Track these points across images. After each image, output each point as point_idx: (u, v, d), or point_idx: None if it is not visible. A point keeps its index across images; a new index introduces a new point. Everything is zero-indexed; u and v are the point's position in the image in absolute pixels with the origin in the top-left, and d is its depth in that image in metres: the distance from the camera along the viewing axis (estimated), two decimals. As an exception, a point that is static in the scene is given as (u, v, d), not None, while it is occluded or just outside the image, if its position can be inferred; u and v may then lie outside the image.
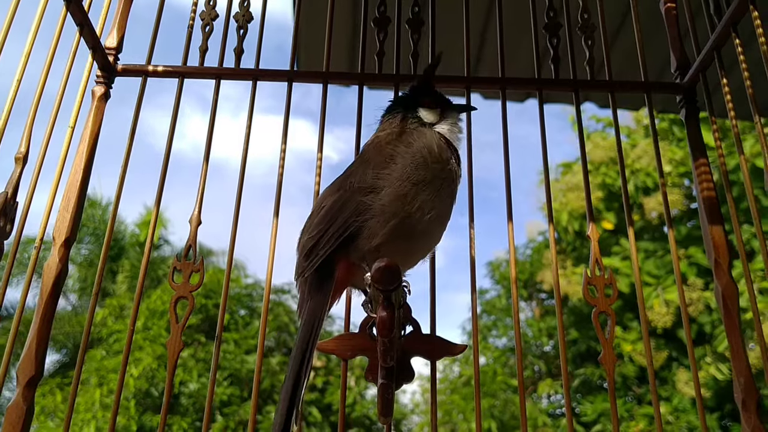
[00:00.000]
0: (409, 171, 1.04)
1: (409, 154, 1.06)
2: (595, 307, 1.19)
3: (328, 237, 1.01)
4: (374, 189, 1.02)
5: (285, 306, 11.23)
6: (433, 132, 1.15)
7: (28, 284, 1.07)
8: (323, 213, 1.04)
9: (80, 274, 12.00)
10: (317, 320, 0.98)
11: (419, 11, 1.44)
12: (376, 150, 1.11)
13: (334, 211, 1.03)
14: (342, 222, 1.01)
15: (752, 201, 1.13)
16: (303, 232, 1.07)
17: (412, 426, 11.73)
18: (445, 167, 1.08)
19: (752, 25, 1.15)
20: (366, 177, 1.04)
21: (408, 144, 1.09)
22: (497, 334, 10.69)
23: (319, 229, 1.02)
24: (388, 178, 1.03)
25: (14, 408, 1.02)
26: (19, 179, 1.02)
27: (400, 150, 1.07)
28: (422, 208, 1.02)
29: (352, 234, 1.00)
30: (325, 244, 1.01)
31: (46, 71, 1.07)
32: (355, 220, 1.00)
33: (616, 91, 1.42)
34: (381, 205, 1.00)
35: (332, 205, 1.04)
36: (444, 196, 1.07)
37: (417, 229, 1.02)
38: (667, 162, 7.98)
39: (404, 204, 1.01)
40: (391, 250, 0.99)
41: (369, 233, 1.00)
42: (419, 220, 1.02)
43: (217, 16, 1.41)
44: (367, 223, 1.00)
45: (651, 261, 8.08)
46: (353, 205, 1.02)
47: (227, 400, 9.56)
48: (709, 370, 7.25)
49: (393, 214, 1.00)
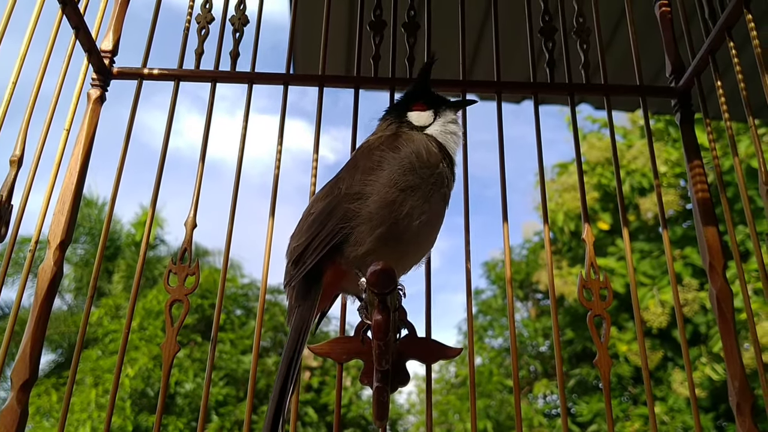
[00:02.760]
0: (396, 177, 1.03)
1: (397, 160, 1.06)
2: (590, 310, 1.19)
3: (316, 244, 1.01)
4: (362, 195, 1.02)
5: (281, 306, 11.21)
6: (422, 136, 1.14)
7: (23, 285, 1.07)
8: (312, 219, 1.04)
9: (76, 273, 11.96)
10: (305, 327, 0.99)
11: (415, 15, 1.44)
12: (365, 155, 1.11)
13: (322, 218, 1.03)
14: (330, 229, 1.01)
15: (746, 202, 1.13)
16: (292, 238, 1.07)
17: (408, 426, 11.72)
18: (434, 172, 1.07)
19: (746, 29, 1.16)
20: (354, 183, 1.04)
21: (395, 149, 1.08)
22: (493, 335, 10.68)
23: (307, 236, 1.02)
24: (374, 184, 1.02)
25: (8, 411, 1.02)
26: (14, 182, 1.02)
27: (388, 156, 1.07)
28: (411, 214, 1.01)
29: (340, 240, 1.00)
30: (313, 251, 1.00)
31: (41, 74, 1.07)
32: (342, 227, 1.00)
33: (611, 95, 1.42)
34: (368, 212, 1.00)
35: (321, 212, 1.04)
36: (434, 201, 1.06)
37: (405, 236, 1.02)
38: (663, 163, 7.98)
39: (392, 211, 1.00)
40: (380, 256, 0.97)
41: (356, 240, 0.99)
42: (407, 226, 1.01)
43: (213, 19, 1.41)
44: (355, 230, 1.00)
45: (646, 261, 8.08)
46: (341, 211, 1.01)
47: (223, 400, 9.54)
48: (704, 370, 7.26)
49: (380, 221, 0.99)
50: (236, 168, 1.27)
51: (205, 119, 1.33)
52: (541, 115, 1.37)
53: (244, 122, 1.32)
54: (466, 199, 1.26)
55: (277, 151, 1.31)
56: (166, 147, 1.29)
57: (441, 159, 1.11)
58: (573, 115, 1.40)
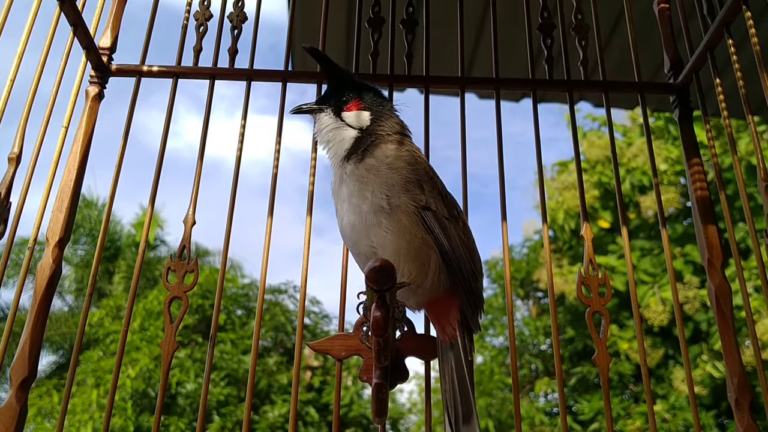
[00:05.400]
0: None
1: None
2: (589, 306, 1.19)
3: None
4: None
5: (282, 306, 11.21)
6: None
7: (21, 285, 1.07)
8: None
9: (77, 274, 11.98)
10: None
11: (414, 12, 1.44)
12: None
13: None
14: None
15: (745, 200, 1.13)
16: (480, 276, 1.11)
17: (409, 425, 11.71)
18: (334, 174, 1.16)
19: (745, 25, 1.16)
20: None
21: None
22: (494, 333, 10.66)
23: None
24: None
25: (7, 409, 1.02)
26: (12, 179, 1.02)
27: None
28: (341, 217, 1.11)
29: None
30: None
31: (39, 71, 1.07)
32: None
33: (610, 92, 1.42)
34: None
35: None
36: (339, 202, 1.12)
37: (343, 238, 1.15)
38: (663, 160, 7.98)
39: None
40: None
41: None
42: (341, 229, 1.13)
43: (211, 16, 1.41)
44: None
45: (647, 259, 8.07)
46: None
47: (224, 401, 9.54)
48: (705, 367, 7.25)
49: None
50: (234, 165, 1.27)
51: (204, 115, 1.32)
52: (541, 113, 1.37)
53: (243, 120, 1.32)
54: (464, 197, 1.26)
55: (276, 150, 1.30)
56: (164, 143, 1.29)
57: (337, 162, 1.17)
58: (571, 112, 1.40)
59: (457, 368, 1.02)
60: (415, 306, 1.09)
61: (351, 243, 1.11)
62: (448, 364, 1.03)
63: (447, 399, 1.01)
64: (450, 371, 1.02)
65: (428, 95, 1.39)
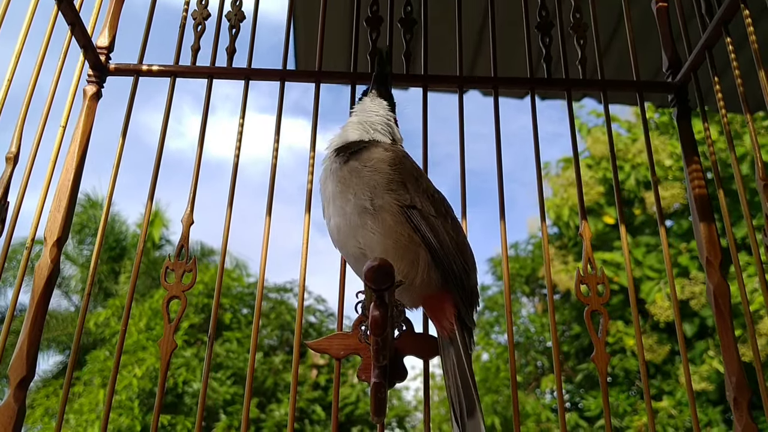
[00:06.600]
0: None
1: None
2: (587, 305, 1.19)
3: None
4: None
5: (287, 304, 11.24)
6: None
7: (20, 282, 1.07)
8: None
9: (82, 274, 12.01)
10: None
11: (412, 11, 1.43)
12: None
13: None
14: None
15: (743, 198, 1.13)
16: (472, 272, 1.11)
17: (415, 423, 11.71)
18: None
19: (743, 24, 1.15)
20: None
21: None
22: (500, 330, 10.66)
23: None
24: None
25: (6, 408, 1.02)
26: (9, 179, 1.02)
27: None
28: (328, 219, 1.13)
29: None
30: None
31: (37, 70, 1.07)
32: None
33: (608, 90, 1.42)
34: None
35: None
36: (325, 204, 1.13)
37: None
38: (668, 156, 7.96)
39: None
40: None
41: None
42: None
43: (209, 15, 1.41)
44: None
45: (653, 255, 8.05)
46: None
47: (231, 399, 9.57)
48: (711, 363, 7.24)
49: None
50: (233, 164, 1.27)
51: (202, 114, 1.32)
52: (545, 109, 1.38)
53: (241, 119, 1.32)
54: (463, 197, 1.26)
55: (274, 149, 1.30)
56: (162, 141, 1.29)
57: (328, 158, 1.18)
58: (570, 111, 1.39)
59: (458, 363, 1.02)
60: (410, 304, 1.09)
61: (339, 245, 1.12)
62: (449, 359, 1.04)
63: (452, 395, 1.01)
64: (452, 367, 1.03)
65: (426, 94, 1.38)
